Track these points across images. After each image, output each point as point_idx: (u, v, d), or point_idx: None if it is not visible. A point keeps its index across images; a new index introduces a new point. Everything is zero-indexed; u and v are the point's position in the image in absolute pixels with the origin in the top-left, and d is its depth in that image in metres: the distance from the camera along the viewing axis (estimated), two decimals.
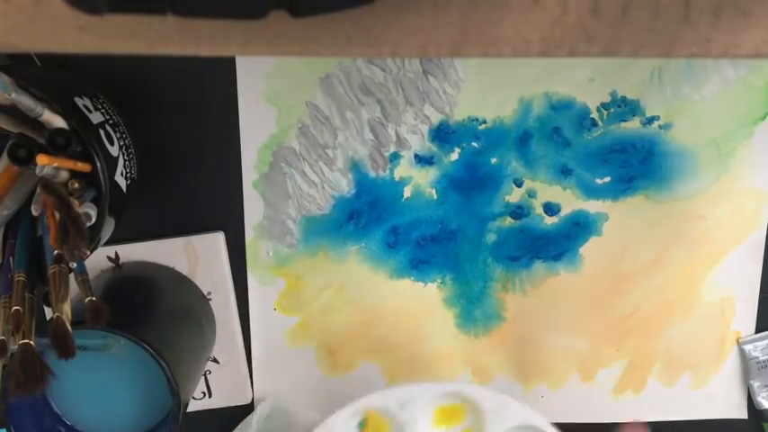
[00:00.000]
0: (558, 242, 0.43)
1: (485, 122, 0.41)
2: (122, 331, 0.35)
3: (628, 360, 0.45)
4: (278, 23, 0.19)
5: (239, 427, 0.45)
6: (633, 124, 0.41)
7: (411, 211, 0.43)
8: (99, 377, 0.39)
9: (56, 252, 0.30)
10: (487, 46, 0.20)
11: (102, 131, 0.33)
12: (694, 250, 0.43)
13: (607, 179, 0.42)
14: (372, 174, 0.42)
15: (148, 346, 0.35)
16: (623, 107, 0.41)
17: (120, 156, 0.35)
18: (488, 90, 0.40)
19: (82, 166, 0.32)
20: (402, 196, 0.42)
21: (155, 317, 0.39)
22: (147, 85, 0.40)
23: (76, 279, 0.32)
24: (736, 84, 0.41)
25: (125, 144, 0.36)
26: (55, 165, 0.30)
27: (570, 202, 0.43)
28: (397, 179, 0.42)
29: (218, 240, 0.42)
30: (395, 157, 0.42)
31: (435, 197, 0.42)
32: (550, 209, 0.43)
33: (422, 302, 0.44)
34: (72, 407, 0.39)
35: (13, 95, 0.29)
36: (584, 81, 0.40)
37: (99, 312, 0.31)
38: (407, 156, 0.42)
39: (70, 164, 0.31)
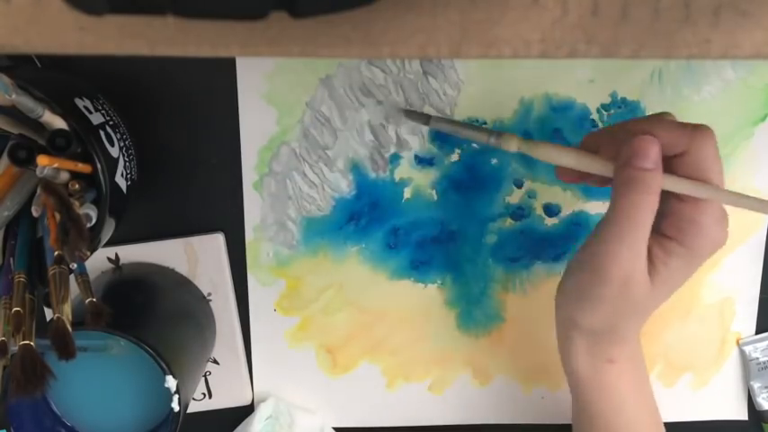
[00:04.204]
0: (559, 243, 0.43)
1: (485, 123, 0.41)
2: (123, 332, 0.35)
3: None
4: (278, 24, 0.19)
5: (239, 427, 0.45)
6: None
7: (411, 212, 0.43)
8: (99, 378, 0.39)
9: (56, 253, 0.30)
10: (487, 47, 0.20)
11: (102, 132, 0.33)
12: None
13: None
14: (372, 175, 0.42)
15: (149, 348, 0.35)
16: (623, 108, 0.41)
17: (121, 157, 0.35)
18: (488, 91, 0.41)
19: (82, 167, 0.32)
20: (402, 197, 0.42)
21: (155, 318, 0.39)
22: (148, 86, 0.40)
23: (77, 280, 0.32)
24: (736, 85, 0.41)
25: (125, 145, 0.36)
26: (55, 166, 0.30)
27: (570, 203, 0.42)
28: (397, 180, 0.42)
29: (218, 241, 0.42)
30: (395, 158, 0.42)
31: (435, 198, 0.42)
32: (551, 210, 0.43)
33: (422, 303, 0.44)
34: (72, 408, 0.39)
35: (14, 96, 0.29)
36: (584, 82, 0.41)
37: (99, 313, 0.31)
38: (408, 157, 0.42)
39: (70, 165, 0.31)
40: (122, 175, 0.35)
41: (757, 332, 0.45)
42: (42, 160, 0.29)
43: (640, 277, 0.31)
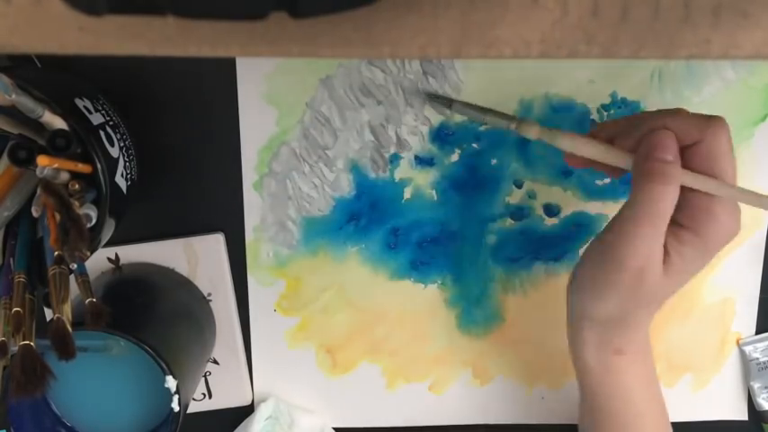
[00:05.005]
0: (559, 243, 0.43)
1: (485, 123, 0.41)
2: (122, 332, 0.35)
3: None
4: (278, 24, 0.19)
5: (239, 428, 0.45)
6: None
7: (411, 213, 0.43)
8: (99, 378, 0.39)
9: (56, 253, 0.30)
10: (487, 47, 0.20)
11: (102, 133, 0.33)
12: None
13: (607, 180, 0.42)
14: (372, 175, 0.42)
15: (149, 348, 0.35)
16: (623, 108, 0.41)
17: (121, 157, 0.35)
18: (488, 91, 0.41)
19: (82, 168, 0.32)
20: (402, 197, 0.42)
21: (155, 318, 0.39)
22: (148, 87, 0.40)
23: (77, 280, 0.32)
24: (736, 85, 0.41)
25: (125, 145, 0.36)
26: (55, 166, 0.30)
27: (570, 203, 0.43)
28: (397, 180, 0.42)
29: (218, 242, 0.42)
30: (395, 159, 0.42)
31: (435, 198, 0.42)
32: (551, 210, 0.43)
33: (422, 303, 0.44)
34: (72, 408, 0.39)
35: (14, 97, 0.29)
36: (584, 82, 0.41)
37: (99, 314, 0.31)
38: (408, 157, 0.42)
39: (70, 165, 0.31)
40: (122, 175, 0.35)
41: (757, 332, 0.45)
42: (42, 160, 0.29)
43: (655, 267, 0.31)
